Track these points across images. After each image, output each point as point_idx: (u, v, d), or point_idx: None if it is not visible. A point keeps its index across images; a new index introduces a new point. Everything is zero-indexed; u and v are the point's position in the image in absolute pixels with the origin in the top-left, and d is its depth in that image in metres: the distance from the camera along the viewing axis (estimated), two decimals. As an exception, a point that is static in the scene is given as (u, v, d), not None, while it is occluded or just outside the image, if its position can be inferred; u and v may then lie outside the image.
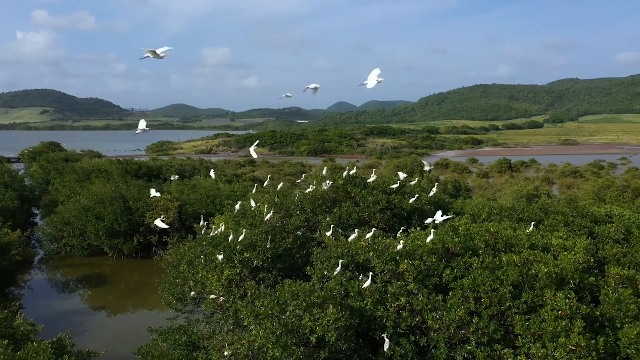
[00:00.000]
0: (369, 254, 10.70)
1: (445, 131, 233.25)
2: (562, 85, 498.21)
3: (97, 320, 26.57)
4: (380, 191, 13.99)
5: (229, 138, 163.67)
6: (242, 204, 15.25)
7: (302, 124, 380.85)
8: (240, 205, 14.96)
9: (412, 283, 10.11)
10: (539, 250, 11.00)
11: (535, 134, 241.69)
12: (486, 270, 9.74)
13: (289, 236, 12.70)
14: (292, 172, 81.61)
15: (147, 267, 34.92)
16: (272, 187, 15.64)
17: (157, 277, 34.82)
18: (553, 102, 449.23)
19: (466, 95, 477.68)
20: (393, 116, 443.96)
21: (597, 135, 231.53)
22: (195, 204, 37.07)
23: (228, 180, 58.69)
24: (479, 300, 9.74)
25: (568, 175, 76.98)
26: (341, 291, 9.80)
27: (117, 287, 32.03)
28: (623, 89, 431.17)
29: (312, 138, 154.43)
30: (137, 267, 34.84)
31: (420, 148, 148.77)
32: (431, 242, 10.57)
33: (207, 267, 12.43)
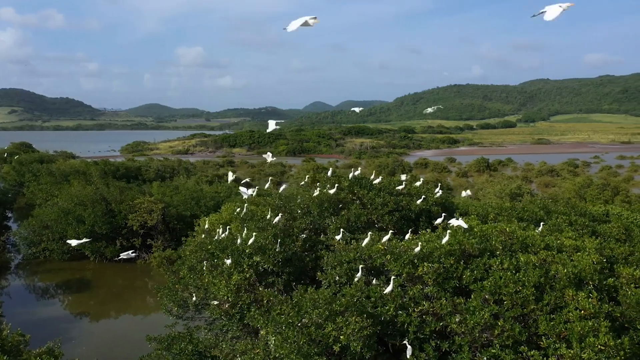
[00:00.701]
0: (385, 258, 10.40)
1: (421, 131, 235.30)
2: (533, 86, 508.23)
3: (81, 327, 25.70)
4: (387, 193, 13.71)
5: (206, 138, 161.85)
6: (247, 206, 14.72)
7: (278, 124, 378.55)
8: (246, 208, 14.44)
9: (431, 286, 9.84)
10: (553, 251, 10.87)
11: (509, 134, 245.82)
12: (508, 272, 9.54)
13: (297, 239, 12.31)
14: (273, 172, 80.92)
15: (130, 271, 34.02)
16: (275, 189, 15.19)
17: (140, 281, 34.15)
18: (525, 102, 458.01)
19: (441, 95, 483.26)
20: (369, 116, 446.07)
21: (569, 134, 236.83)
22: (179, 205, 36.32)
23: (209, 181, 57.81)
24: (500, 302, 9.53)
25: (545, 174, 78.31)
26: (362, 297, 9.46)
27: (100, 292, 31.08)
28: (592, 90, 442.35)
29: (290, 138, 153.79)
30: (120, 271, 33.89)
31: (398, 148, 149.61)
32: (448, 244, 10.33)
33: (213, 272, 11.95)
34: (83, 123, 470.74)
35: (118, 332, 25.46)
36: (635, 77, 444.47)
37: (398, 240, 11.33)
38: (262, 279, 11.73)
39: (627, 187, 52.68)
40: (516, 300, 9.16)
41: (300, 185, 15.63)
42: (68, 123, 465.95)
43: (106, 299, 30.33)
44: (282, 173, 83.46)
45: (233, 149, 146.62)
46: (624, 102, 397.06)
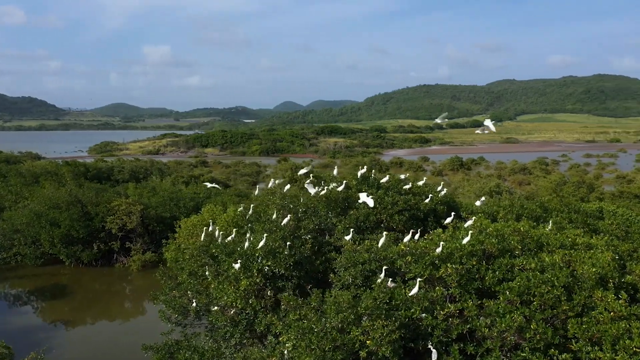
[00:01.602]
0: (405, 259, 10.01)
1: (392, 130, 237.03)
2: (500, 86, 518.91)
3: (60, 335, 24.54)
4: (395, 192, 13.34)
5: (177, 138, 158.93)
6: (253, 207, 14.08)
7: (249, 124, 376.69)
8: (252, 209, 13.80)
9: (454, 288, 9.50)
10: (569, 250, 10.69)
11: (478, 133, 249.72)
12: (536, 273, 9.27)
13: (307, 241, 11.81)
14: (249, 172, 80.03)
15: (108, 276, 32.83)
16: (279, 188, 14.63)
17: (119, 285, 32.97)
18: (492, 102, 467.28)
19: (410, 95, 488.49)
20: (340, 116, 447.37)
21: (535, 133, 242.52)
22: (158, 207, 35.30)
23: (185, 182, 56.57)
24: (527, 304, 9.26)
25: (518, 172, 79.72)
26: (385, 300, 9.04)
27: (76, 298, 29.83)
28: (556, 90, 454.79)
29: (263, 138, 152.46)
30: (98, 275, 32.66)
31: (371, 147, 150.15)
32: (469, 244, 10.01)
33: (219, 278, 11.33)
34: (47, 123, 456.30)
35: (97, 340, 24.44)
36: (597, 78, 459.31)
37: (413, 241, 10.94)
38: (271, 283, 11.17)
39: (600, 184, 53.97)
40: (547, 301, 8.89)
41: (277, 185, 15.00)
42: (31, 123, 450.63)
43: (83, 305, 29.15)
44: (258, 173, 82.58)
45: (205, 149, 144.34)
46: (586, 102, 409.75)
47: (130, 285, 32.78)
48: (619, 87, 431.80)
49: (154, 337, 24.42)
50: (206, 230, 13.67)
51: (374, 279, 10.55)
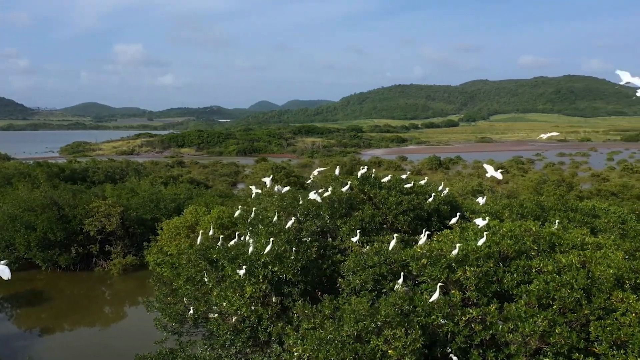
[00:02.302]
0: (420, 262, 9.61)
1: (368, 130, 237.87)
2: (473, 86, 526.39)
3: (38, 343, 23.55)
4: (397, 191, 12.95)
5: (152, 138, 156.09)
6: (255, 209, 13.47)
7: (225, 124, 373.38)
8: (254, 211, 13.21)
9: (472, 292, 9.15)
10: (581, 250, 10.47)
11: (454, 132, 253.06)
12: (555, 275, 8.99)
13: (312, 245, 11.32)
14: (227, 172, 79.04)
15: (87, 280, 31.72)
16: (277, 190, 14.08)
17: (98, 290, 31.87)
18: (466, 102, 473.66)
19: (386, 95, 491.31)
20: (316, 115, 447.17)
21: (509, 133, 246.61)
22: (138, 208, 34.32)
23: (164, 182, 55.34)
24: (546, 307, 8.97)
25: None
26: (404, 306, 8.63)
27: (54, 304, 28.68)
28: (528, 90, 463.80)
29: (240, 137, 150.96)
30: (76, 280, 31.51)
31: (349, 147, 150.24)
32: (486, 246, 9.68)
33: (221, 285, 10.76)
34: (15, 123, 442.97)
35: (78, 346, 23.55)
36: (567, 78, 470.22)
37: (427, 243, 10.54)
38: (277, 289, 10.65)
39: (577, 182, 54.90)
40: (568, 304, 8.62)
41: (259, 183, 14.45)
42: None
43: (62, 311, 28.06)
44: (237, 173, 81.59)
45: (181, 149, 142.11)
46: (557, 102, 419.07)
47: (110, 290, 31.75)
48: (588, 87, 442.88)
49: (136, 342, 23.75)
50: (202, 233, 13.03)
51: (385, 283, 10.15)
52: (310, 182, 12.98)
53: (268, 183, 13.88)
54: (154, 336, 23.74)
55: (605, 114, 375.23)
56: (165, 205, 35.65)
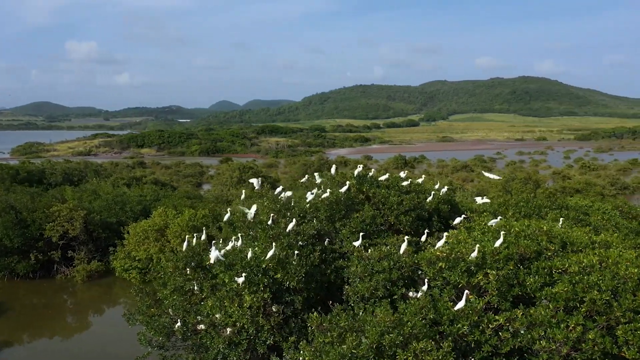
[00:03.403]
0: (437, 265, 8.95)
1: (331, 130, 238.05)
2: (433, 87, 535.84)
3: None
4: (396, 190, 12.28)
5: (110, 138, 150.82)
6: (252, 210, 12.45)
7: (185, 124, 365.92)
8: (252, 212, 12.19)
9: (493, 296, 8.56)
10: (597, 249, 10.06)
11: (415, 132, 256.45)
12: (582, 276, 8.49)
13: (315, 249, 10.49)
14: (192, 173, 77.09)
15: (47, 288, 29.76)
16: (270, 190, 13.15)
17: (60, 299, 29.98)
18: (426, 102, 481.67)
19: (347, 95, 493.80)
20: (278, 115, 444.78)
21: (468, 132, 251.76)
22: (102, 211, 32.61)
23: (127, 184, 53.12)
24: (570, 311, 8.47)
25: (460, 169, 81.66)
26: (430, 315, 7.94)
27: (13, 315, 26.72)
28: (485, 91, 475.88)
29: (202, 137, 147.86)
30: (35, 289, 29.50)
31: (313, 146, 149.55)
32: (504, 247, 9.11)
33: (217, 294, 9.79)
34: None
35: (44, 359, 21.94)
36: (521, 80, 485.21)
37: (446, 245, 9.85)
38: (277, 298, 9.78)
39: (543, 179, 56.00)
40: (599, 307, 8.12)
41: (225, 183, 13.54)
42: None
43: (21, 322, 26.16)
44: (201, 174, 79.63)
45: (141, 149, 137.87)
46: (512, 103, 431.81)
47: (73, 298, 29.95)
48: (542, 88, 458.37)
49: (102, 353, 22.32)
50: (188, 238, 11.98)
51: (395, 289, 9.44)
52: (305, 180, 12.15)
53: (256, 185, 12.96)
54: (120, 346, 22.40)
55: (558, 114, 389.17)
56: (131, 207, 34.05)
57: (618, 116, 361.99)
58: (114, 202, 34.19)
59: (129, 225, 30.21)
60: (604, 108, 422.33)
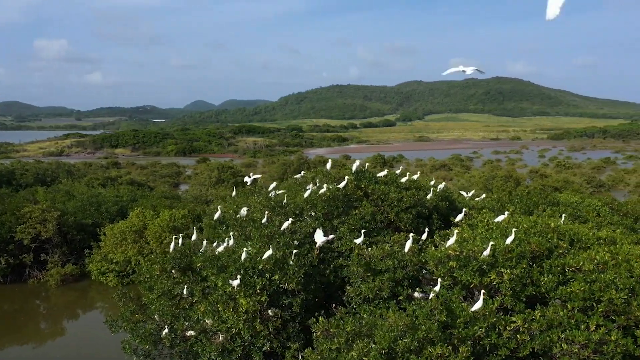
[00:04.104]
0: (447, 265, 8.44)
1: (308, 130, 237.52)
2: (408, 87, 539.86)
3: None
4: (395, 187, 11.76)
5: (83, 138, 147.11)
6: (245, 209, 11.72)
7: (159, 124, 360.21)
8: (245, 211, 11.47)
9: (506, 297, 8.09)
10: (608, 246, 9.71)
11: (391, 132, 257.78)
12: (599, 274, 8.08)
13: (313, 248, 9.88)
14: (168, 173, 75.54)
15: (19, 293, 28.49)
16: (263, 187, 12.47)
17: (32, 304, 28.68)
18: (402, 102, 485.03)
19: (324, 95, 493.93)
20: (254, 115, 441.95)
21: (444, 132, 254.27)
22: (77, 213, 31.45)
23: (102, 184, 51.56)
24: (585, 311, 8.06)
25: (438, 168, 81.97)
26: (443, 318, 7.41)
27: (-19, 321, 25.45)
28: (459, 91, 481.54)
29: (178, 137, 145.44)
30: (6, 293, 28.23)
31: (291, 146, 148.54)
32: (516, 245, 8.64)
33: (209, 298, 9.09)
34: None
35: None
36: (495, 80, 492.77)
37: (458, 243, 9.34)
38: (274, 301, 9.14)
39: (522, 177, 56.45)
40: (618, 307, 7.72)
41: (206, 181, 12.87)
42: None
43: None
44: (178, 174, 78.10)
45: (115, 149, 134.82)
46: (487, 103, 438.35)
47: (46, 303, 28.73)
48: (515, 89, 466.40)
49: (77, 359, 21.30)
50: (175, 238, 11.22)
51: (400, 289, 8.91)
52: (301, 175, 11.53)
53: (249, 181, 12.29)
54: (98, 353, 21.40)
55: (531, 114, 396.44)
56: (107, 208, 32.96)
57: (588, 116, 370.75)
58: (89, 202, 33.08)
59: (106, 227, 29.25)
60: (575, 108, 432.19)
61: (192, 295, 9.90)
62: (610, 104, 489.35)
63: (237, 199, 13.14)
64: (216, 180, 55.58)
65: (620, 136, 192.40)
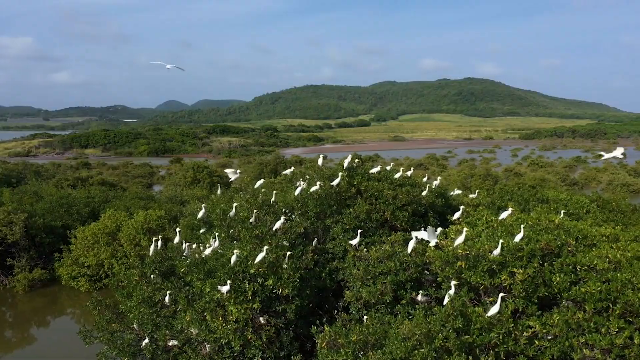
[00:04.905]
0: (457, 265, 7.85)
1: (283, 129, 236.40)
2: (382, 87, 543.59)
3: None
4: (390, 183, 11.15)
5: (51, 139, 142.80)
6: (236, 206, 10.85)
7: (131, 124, 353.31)
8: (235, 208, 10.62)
9: (519, 298, 7.54)
10: (615, 243, 9.29)
11: (366, 132, 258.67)
12: (613, 273, 7.60)
13: (307, 250, 9.16)
14: (141, 173, 73.73)
15: (-18, 301, 26.90)
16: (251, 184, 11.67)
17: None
18: (376, 103, 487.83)
19: (298, 95, 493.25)
20: (228, 115, 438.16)
21: (418, 132, 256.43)
22: (45, 214, 29.98)
23: (72, 185, 49.69)
24: (600, 313, 7.58)
25: (415, 167, 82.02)
26: (458, 324, 6.81)
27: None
28: (432, 92, 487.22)
29: (150, 137, 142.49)
30: (-31, 301, 26.61)
31: (266, 146, 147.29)
32: (525, 243, 8.11)
33: (196, 306, 8.28)
34: None
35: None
36: (467, 81, 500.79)
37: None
38: (267, 308, 8.40)
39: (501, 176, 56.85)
40: (635, 308, 7.24)
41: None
42: None
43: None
44: (151, 174, 76.26)
45: (85, 149, 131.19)
46: (459, 104, 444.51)
47: (13, 310, 27.24)
48: (486, 89, 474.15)
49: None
50: (155, 240, 10.35)
51: (402, 292, 8.28)
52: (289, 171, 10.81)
53: (232, 176, 11.51)
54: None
55: (502, 114, 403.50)
56: (78, 210, 31.56)
57: (557, 116, 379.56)
58: (59, 204, 31.62)
59: (76, 229, 27.95)
60: (544, 109, 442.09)
61: (176, 303, 9.09)
62: (577, 105, 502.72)
63: (222, 197, 12.31)
64: (191, 180, 54.24)
65: (589, 136, 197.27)
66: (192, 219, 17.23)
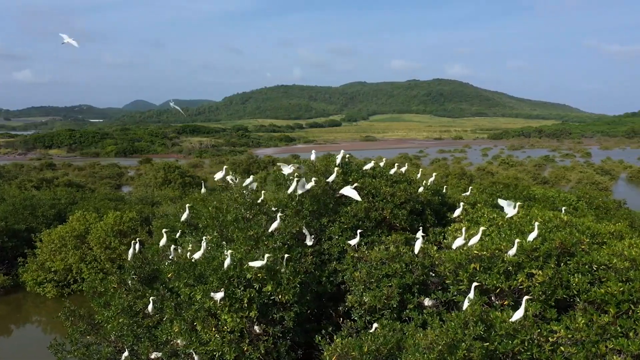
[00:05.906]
0: (471, 267, 7.27)
1: (254, 130, 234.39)
2: (353, 88, 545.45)
3: None
4: (386, 180, 10.55)
5: (13, 139, 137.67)
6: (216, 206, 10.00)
7: (97, 124, 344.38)
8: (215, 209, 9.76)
9: (537, 302, 7.02)
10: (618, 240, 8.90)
11: (338, 132, 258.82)
12: (635, 272, 7.16)
13: (306, 252, 8.46)
14: (109, 174, 71.48)
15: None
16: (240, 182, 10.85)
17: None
18: (347, 103, 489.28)
19: (269, 95, 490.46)
20: (198, 115, 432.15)
21: (389, 132, 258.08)
22: (7, 217, 28.50)
23: (36, 186, 47.64)
24: (622, 315, 7.13)
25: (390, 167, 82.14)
26: (479, 331, 6.23)
27: None
28: (402, 92, 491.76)
29: (118, 137, 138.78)
30: None
31: (238, 146, 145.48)
32: (540, 242, 7.61)
33: (184, 316, 7.47)
34: None
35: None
36: (436, 82, 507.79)
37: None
38: (263, 315, 7.66)
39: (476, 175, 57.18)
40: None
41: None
42: None
43: None
44: (120, 175, 74.04)
45: (50, 150, 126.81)
46: (428, 104, 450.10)
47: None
48: (454, 90, 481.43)
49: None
50: (134, 243, 9.47)
51: (409, 296, 7.68)
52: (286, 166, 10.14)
53: (217, 176, 10.71)
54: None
55: (470, 114, 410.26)
56: (43, 212, 30.13)
57: (523, 117, 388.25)
58: (22, 206, 30.11)
59: (42, 232, 26.55)
60: (511, 109, 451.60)
61: (160, 312, 8.25)
62: (542, 106, 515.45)
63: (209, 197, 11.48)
64: (162, 180, 52.81)
65: (555, 136, 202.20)
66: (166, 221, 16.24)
